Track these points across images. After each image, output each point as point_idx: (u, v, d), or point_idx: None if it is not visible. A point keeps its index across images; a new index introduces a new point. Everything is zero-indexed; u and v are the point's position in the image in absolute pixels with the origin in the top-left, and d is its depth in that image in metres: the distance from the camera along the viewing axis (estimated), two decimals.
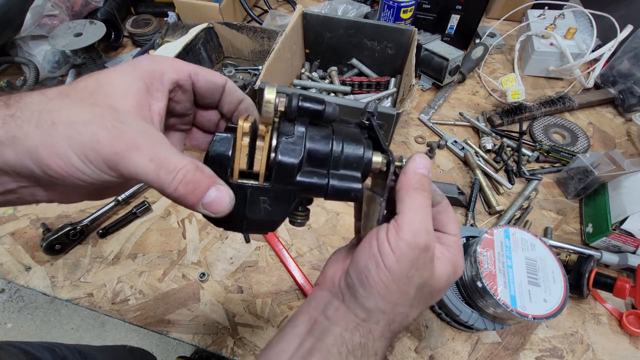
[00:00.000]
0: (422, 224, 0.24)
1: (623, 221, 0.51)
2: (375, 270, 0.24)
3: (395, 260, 0.23)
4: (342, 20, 0.69)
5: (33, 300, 1.43)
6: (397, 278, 0.24)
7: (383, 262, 0.24)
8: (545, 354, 0.48)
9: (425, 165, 0.25)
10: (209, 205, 0.21)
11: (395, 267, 0.23)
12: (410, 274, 0.24)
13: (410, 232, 0.23)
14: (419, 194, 0.25)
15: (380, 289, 0.24)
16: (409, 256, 0.23)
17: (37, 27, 0.79)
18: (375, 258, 0.24)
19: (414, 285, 0.24)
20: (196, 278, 0.54)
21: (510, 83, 0.73)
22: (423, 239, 0.23)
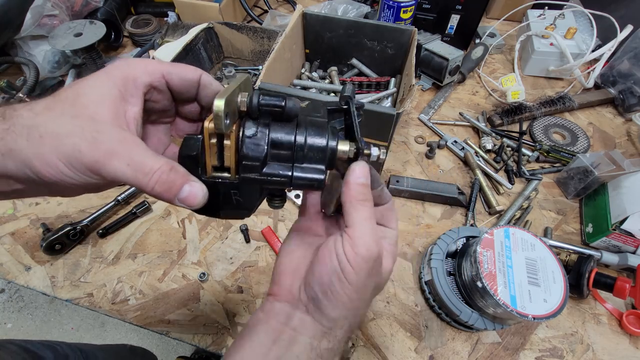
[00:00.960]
0: (372, 236, 0.26)
1: (623, 221, 0.51)
2: (339, 285, 0.26)
3: (355, 274, 0.26)
4: (342, 20, 0.69)
5: (33, 300, 1.43)
6: (358, 289, 0.26)
7: (345, 278, 0.26)
8: (545, 354, 0.48)
9: (363, 174, 0.26)
10: (184, 199, 0.24)
11: (355, 280, 0.26)
12: (367, 282, 0.27)
13: (364, 246, 0.25)
14: (363, 205, 0.26)
15: (344, 300, 0.26)
16: (366, 268, 0.26)
17: (37, 27, 0.79)
18: (337, 274, 0.26)
19: (370, 289, 0.28)
20: (196, 278, 0.54)
21: (510, 83, 0.73)
22: (375, 251, 0.26)
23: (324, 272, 0.27)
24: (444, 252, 0.50)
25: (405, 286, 0.54)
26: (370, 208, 0.27)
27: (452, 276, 0.48)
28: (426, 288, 0.51)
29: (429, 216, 0.61)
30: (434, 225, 0.60)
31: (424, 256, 0.55)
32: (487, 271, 0.42)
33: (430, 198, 0.62)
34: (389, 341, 0.49)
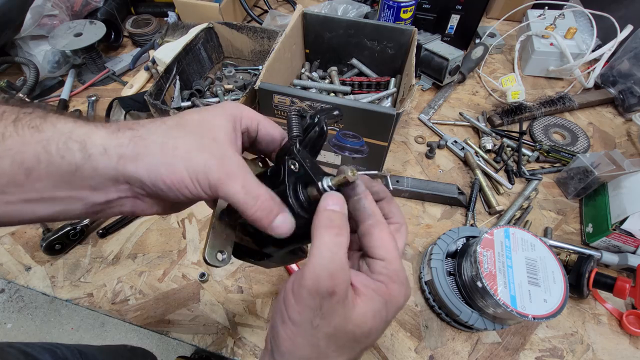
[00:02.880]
0: (326, 267, 0.22)
1: (623, 221, 0.51)
2: (281, 326, 0.23)
3: (297, 312, 0.22)
4: (342, 20, 0.69)
5: (33, 300, 1.43)
6: (303, 330, 0.22)
7: (287, 315, 0.23)
8: (545, 354, 0.48)
9: (335, 202, 0.25)
10: (277, 226, 0.25)
11: (297, 318, 0.22)
12: (315, 323, 0.22)
13: (312, 277, 0.22)
14: (325, 231, 0.23)
15: (287, 346, 0.23)
16: (311, 304, 0.22)
17: (37, 27, 0.79)
18: (281, 312, 0.23)
19: (322, 336, 0.23)
20: (196, 278, 0.54)
21: (510, 83, 0.73)
22: (325, 285, 0.22)
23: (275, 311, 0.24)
24: (444, 252, 0.50)
25: None
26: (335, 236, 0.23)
27: (452, 276, 0.48)
28: (426, 288, 0.51)
29: (429, 216, 0.61)
30: (434, 225, 0.60)
31: (424, 256, 0.55)
32: (487, 271, 0.42)
33: (430, 198, 0.62)
34: (388, 341, 0.49)
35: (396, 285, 0.25)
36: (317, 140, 0.30)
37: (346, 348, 0.24)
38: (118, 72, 0.86)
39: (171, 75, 0.67)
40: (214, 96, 0.74)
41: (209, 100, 0.72)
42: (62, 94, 0.79)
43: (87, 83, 0.82)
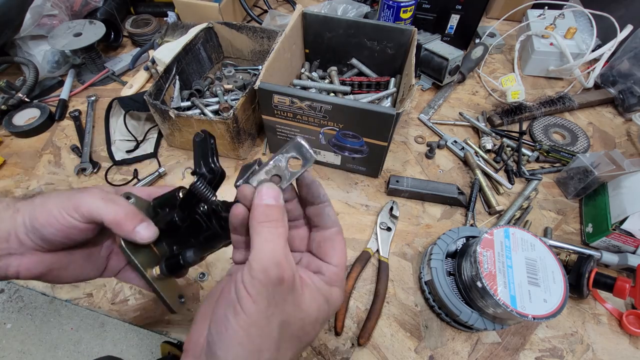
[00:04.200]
0: (270, 258, 0.23)
1: (623, 221, 0.51)
2: (233, 318, 0.23)
3: (252, 301, 0.23)
4: (342, 20, 0.69)
5: (32, 301, 1.43)
6: (257, 320, 0.23)
7: (240, 306, 0.23)
8: (545, 354, 0.48)
9: (270, 195, 0.25)
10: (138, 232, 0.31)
11: (252, 308, 0.22)
12: (269, 312, 0.23)
13: (260, 268, 0.23)
14: (264, 226, 0.24)
15: (240, 338, 0.23)
16: (264, 294, 0.23)
17: (37, 27, 0.79)
18: (233, 304, 0.23)
19: (276, 324, 0.23)
20: (195, 278, 0.54)
21: (510, 83, 0.73)
22: (274, 272, 0.23)
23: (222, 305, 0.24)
24: (444, 252, 0.50)
25: (404, 286, 0.54)
26: (274, 229, 0.24)
27: (452, 276, 0.48)
28: (426, 288, 0.51)
29: (429, 216, 0.61)
30: (434, 225, 0.60)
31: (423, 256, 0.55)
32: (487, 271, 0.42)
33: (430, 198, 0.62)
34: (388, 341, 0.49)
35: (338, 290, 0.27)
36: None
37: (295, 337, 0.25)
38: (118, 72, 0.86)
39: (171, 75, 0.66)
40: (213, 96, 0.74)
41: (209, 100, 0.72)
42: (61, 94, 0.79)
43: (86, 83, 0.82)
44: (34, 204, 0.30)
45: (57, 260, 0.32)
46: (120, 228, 0.30)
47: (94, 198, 0.30)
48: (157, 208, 0.35)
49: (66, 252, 0.33)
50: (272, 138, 0.65)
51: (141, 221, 0.31)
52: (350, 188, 0.65)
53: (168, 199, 0.34)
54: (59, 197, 0.30)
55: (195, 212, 0.32)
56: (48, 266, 0.32)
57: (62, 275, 0.33)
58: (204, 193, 0.31)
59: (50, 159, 0.70)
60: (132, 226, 0.30)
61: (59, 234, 0.30)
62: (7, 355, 1.31)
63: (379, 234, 0.58)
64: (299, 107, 0.55)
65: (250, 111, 0.64)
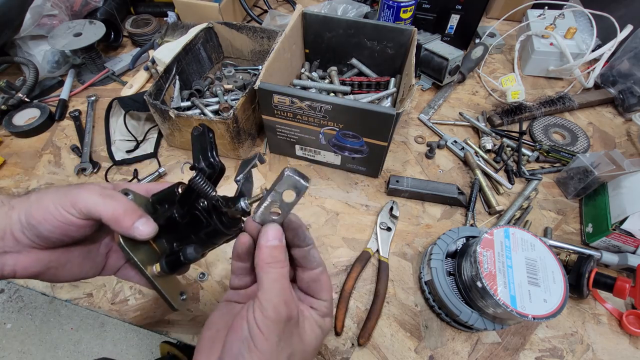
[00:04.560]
0: (280, 297, 0.26)
1: (623, 221, 0.51)
2: (248, 355, 0.25)
3: (265, 339, 0.25)
4: (341, 20, 0.69)
5: (32, 301, 1.43)
6: (269, 355, 0.25)
7: (254, 344, 0.25)
8: (545, 354, 0.48)
9: (275, 236, 0.28)
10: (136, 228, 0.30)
11: (265, 345, 0.25)
12: (280, 347, 0.26)
13: (272, 308, 0.25)
14: (272, 267, 0.27)
15: None
16: (275, 331, 0.25)
17: (37, 27, 0.79)
18: (247, 342, 0.26)
19: (284, 356, 0.26)
20: (196, 278, 0.54)
21: (510, 83, 0.73)
22: (284, 312, 0.26)
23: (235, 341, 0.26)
24: (444, 252, 0.50)
25: (404, 286, 0.54)
26: (281, 269, 0.27)
27: (452, 276, 0.48)
28: (426, 288, 0.51)
29: (429, 216, 0.61)
30: (434, 225, 0.60)
31: (423, 256, 0.55)
32: (487, 271, 0.42)
33: (430, 198, 0.62)
34: (388, 341, 0.49)
35: (329, 319, 0.32)
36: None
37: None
38: (118, 72, 0.86)
39: (171, 75, 0.66)
40: (213, 96, 0.74)
41: (209, 100, 0.72)
42: (61, 94, 0.79)
43: (86, 83, 0.82)
44: (30, 200, 0.30)
45: (54, 258, 0.32)
46: (118, 224, 0.30)
47: (91, 194, 0.30)
48: (156, 204, 0.35)
49: (64, 250, 0.32)
50: (272, 138, 0.65)
51: (140, 217, 0.31)
52: (350, 188, 0.65)
53: (167, 195, 0.34)
54: (55, 193, 0.30)
55: (195, 207, 0.31)
56: (45, 264, 0.31)
57: (60, 273, 0.33)
58: (204, 188, 0.30)
59: (50, 159, 0.70)
60: (131, 222, 0.30)
61: (56, 230, 0.30)
62: (7, 355, 1.31)
63: (379, 234, 0.58)
64: (299, 107, 0.55)
65: (250, 111, 0.64)
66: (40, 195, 0.30)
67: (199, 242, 0.33)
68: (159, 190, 0.35)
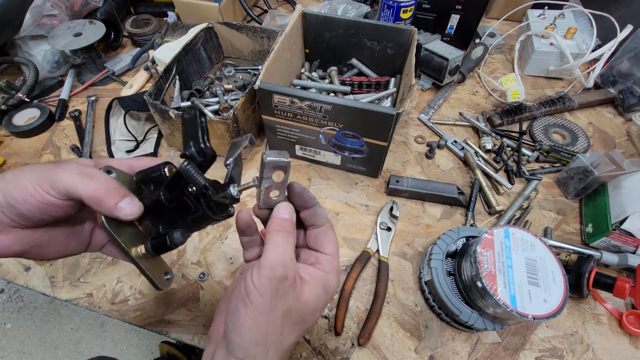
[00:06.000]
0: (279, 258, 0.28)
1: (623, 221, 0.51)
2: (243, 310, 0.27)
3: (259, 295, 0.27)
4: (341, 20, 0.69)
5: (32, 301, 1.43)
6: (263, 311, 0.27)
7: (249, 299, 0.27)
8: (545, 354, 0.48)
9: (286, 211, 0.30)
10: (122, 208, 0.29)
11: (259, 300, 0.27)
12: (273, 303, 0.27)
13: (268, 267, 0.27)
14: (277, 234, 0.29)
15: (250, 325, 0.27)
16: (269, 287, 0.27)
17: (37, 27, 0.79)
18: (242, 299, 0.27)
19: (279, 313, 0.28)
20: (196, 278, 0.54)
21: (510, 83, 0.73)
22: (279, 271, 0.27)
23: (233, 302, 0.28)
24: (444, 252, 0.50)
25: (405, 286, 0.54)
26: (286, 236, 0.29)
27: (452, 276, 0.48)
28: (426, 288, 0.51)
29: (429, 216, 0.61)
30: (434, 225, 0.60)
31: (423, 256, 0.55)
32: (487, 271, 0.42)
33: (430, 198, 0.62)
34: (388, 341, 0.49)
35: (334, 277, 0.32)
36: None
37: (296, 324, 0.30)
38: (118, 72, 0.86)
39: (171, 75, 0.67)
40: (213, 96, 0.74)
41: (209, 100, 0.72)
42: (61, 94, 0.79)
43: (86, 83, 0.82)
44: (6, 179, 0.28)
45: (37, 237, 0.31)
46: (100, 205, 0.29)
47: (69, 173, 0.28)
48: (140, 184, 0.33)
49: (47, 229, 0.31)
50: (272, 138, 0.65)
51: (124, 196, 0.29)
52: (350, 188, 0.65)
53: (152, 174, 0.32)
54: (33, 172, 0.28)
55: (184, 193, 0.30)
56: (29, 243, 0.31)
57: (44, 252, 0.32)
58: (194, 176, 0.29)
59: (50, 159, 0.70)
60: (114, 202, 0.29)
61: (36, 210, 0.28)
62: (7, 355, 1.31)
63: (379, 234, 0.58)
64: (299, 107, 0.55)
65: (250, 111, 0.64)
66: (17, 173, 0.29)
67: (186, 226, 0.32)
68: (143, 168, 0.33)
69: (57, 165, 0.29)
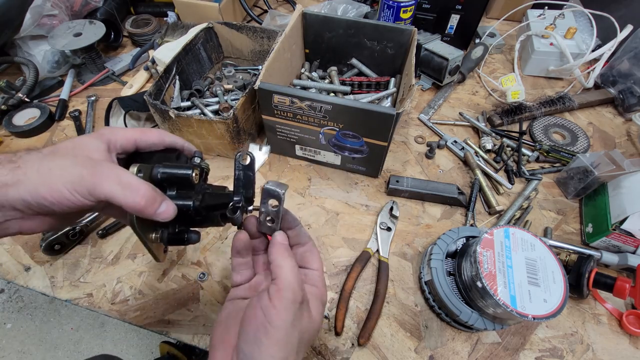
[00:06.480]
0: (297, 282, 0.30)
1: (623, 221, 0.51)
2: (264, 337, 0.27)
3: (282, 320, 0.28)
4: (341, 20, 0.69)
5: (33, 301, 1.43)
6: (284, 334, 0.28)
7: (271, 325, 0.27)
8: (545, 354, 0.48)
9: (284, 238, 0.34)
10: (162, 212, 0.30)
11: (282, 325, 0.28)
12: (293, 326, 0.28)
13: (290, 290, 0.29)
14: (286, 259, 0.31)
15: (272, 352, 0.27)
16: (291, 312, 0.28)
17: (37, 27, 0.79)
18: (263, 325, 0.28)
19: (297, 335, 0.29)
20: (196, 278, 0.54)
21: (510, 83, 0.73)
22: (299, 295, 0.29)
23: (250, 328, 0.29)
24: (444, 252, 0.50)
25: (405, 286, 0.54)
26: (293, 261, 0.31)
27: (452, 276, 0.48)
28: (426, 288, 0.51)
29: (429, 216, 0.61)
30: (434, 225, 0.60)
31: (423, 256, 0.55)
32: (486, 271, 0.42)
33: (430, 198, 0.62)
34: (388, 341, 0.49)
35: (324, 289, 0.35)
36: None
37: (307, 342, 0.31)
38: (118, 72, 0.86)
39: (171, 75, 0.66)
40: (213, 96, 0.74)
41: (209, 100, 0.72)
42: (61, 94, 0.79)
43: (86, 83, 0.82)
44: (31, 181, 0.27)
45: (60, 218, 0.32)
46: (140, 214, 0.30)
47: (110, 183, 0.28)
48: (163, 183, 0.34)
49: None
50: (272, 138, 0.65)
51: (160, 203, 0.30)
52: (350, 188, 0.65)
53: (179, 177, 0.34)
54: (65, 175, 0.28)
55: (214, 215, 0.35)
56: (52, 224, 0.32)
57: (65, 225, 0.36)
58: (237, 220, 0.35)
59: None
60: (153, 210, 0.30)
61: (69, 209, 0.29)
62: (7, 355, 1.31)
63: (379, 234, 0.58)
64: (299, 107, 0.55)
65: (250, 111, 0.64)
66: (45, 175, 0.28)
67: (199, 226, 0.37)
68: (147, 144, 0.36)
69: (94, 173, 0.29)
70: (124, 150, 0.35)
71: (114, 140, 0.34)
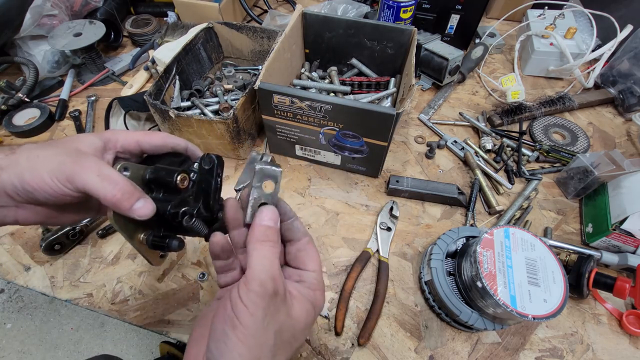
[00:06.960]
0: (268, 272, 0.26)
1: (623, 221, 0.51)
2: (232, 332, 0.24)
3: (250, 314, 0.24)
4: (341, 20, 0.69)
5: (32, 301, 1.43)
6: (254, 331, 0.24)
7: (238, 320, 0.24)
8: (545, 354, 0.48)
9: (270, 217, 0.28)
10: (137, 209, 0.30)
11: (249, 320, 0.24)
12: (265, 322, 0.25)
13: (257, 282, 0.25)
14: (263, 245, 0.27)
15: (240, 349, 0.24)
16: (261, 306, 0.25)
17: (37, 27, 0.79)
18: (230, 320, 0.25)
19: (271, 333, 0.25)
20: (195, 278, 0.54)
21: (510, 83, 0.73)
22: (270, 286, 0.25)
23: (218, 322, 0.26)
24: (444, 252, 0.50)
25: (405, 286, 0.54)
26: (271, 248, 0.27)
27: (452, 276, 0.48)
28: (426, 288, 0.51)
29: (429, 216, 0.61)
30: (434, 225, 0.60)
31: (423, 256, 0.55)
32: (487, 271, 0.42)
33: (430, 198, 0.62)
34: (388, 341, 0.49)
35: (320, 293, 0.31)
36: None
37: (288, 343, 0.28)
38: (118, 72, 0.86)
39: (171, 75, 0.67)
40: (213, 96, 0.74)
41: (209, 100, 0.72)
42: (61, 94, 0.79)
43: (86, 83, 0.82)
44: (20, 165, 0.29)
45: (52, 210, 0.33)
46: (116, 207, 0.29)
47: (89, 173, 0.29)
48: (151, 184, 0.34)
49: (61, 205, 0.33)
50: (272, 138, 0.65)
51: (138, 199, 0.30)
52: (350, 188, 0.65)
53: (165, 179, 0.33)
54: (49, 162, 0.29)
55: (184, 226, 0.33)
56: (45, 215, 0.32)
57: (60, 221, 0.34)
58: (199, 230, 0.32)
59: None
60: (129, 205, 0.29)
61: (52, 198, 0.30)
62: (7, 355, 1.31)
63: (379, 234, 0.58)
64: (299, 107, 0.55)
65: (250, 111, 0.64)
66: (33, 160, 0.29)
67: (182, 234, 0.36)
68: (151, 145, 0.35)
69: (75, 160, 0.29)
70: (125, 150, 0.34)
71: (114, 140, 0.34)
